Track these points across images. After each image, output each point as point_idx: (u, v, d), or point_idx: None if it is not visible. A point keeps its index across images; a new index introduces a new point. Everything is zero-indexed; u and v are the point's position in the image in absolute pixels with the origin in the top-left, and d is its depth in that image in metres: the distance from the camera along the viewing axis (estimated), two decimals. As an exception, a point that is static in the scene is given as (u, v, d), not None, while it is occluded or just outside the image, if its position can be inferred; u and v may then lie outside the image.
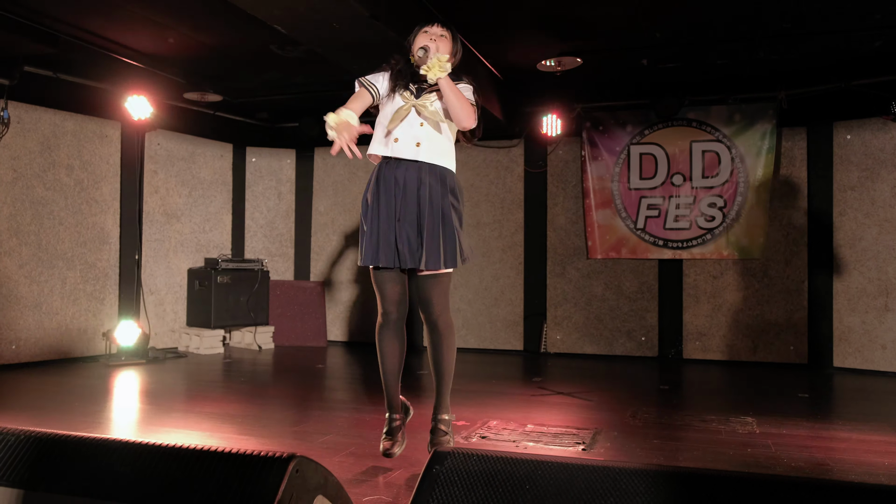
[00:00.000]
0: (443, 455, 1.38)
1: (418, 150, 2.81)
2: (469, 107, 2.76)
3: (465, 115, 2.76)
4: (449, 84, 2.73)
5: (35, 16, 4.63)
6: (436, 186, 2.81)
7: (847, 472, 3.04)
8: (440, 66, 2.70)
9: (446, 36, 2.91)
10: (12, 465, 1.39)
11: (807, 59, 5.42)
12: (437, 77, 2.70)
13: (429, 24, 2.93)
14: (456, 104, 2.74)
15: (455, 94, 2.74)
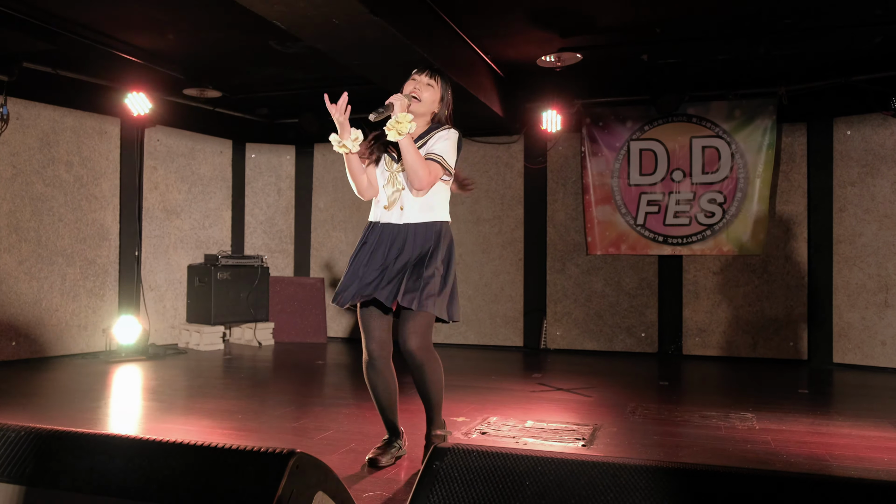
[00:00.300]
0: (442, 451, 1.38)
1: (402, 214, 2.85)
2: (419, 172, 2.73)
3: (414, 178, 2.75)
4: (407, 146, 2.71)
5: (34, 12, 4.62)
6: (420, 246, 2.81)
7: (846, 467, 3.04)
8: (397, 129, 2.67)
9: (433, 85, 2.90)
10: (12, 462, 1.39)
11: (807, 55, 5.41)
12: (395, 139, 2.70)
13: (418, 72, 2.92)
14: (409, 167, 2.74)
15: (410, 157, 2.72)
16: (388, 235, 2.86)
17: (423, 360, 2.83)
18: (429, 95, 2.88)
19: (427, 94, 2.88)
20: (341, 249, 7.66)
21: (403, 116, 2.70)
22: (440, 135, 2.88)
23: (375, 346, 2.90)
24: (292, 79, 6.22)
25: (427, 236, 2.83)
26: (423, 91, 2.87)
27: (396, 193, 2.87)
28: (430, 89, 2.89)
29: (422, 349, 2.82)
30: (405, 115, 2.70)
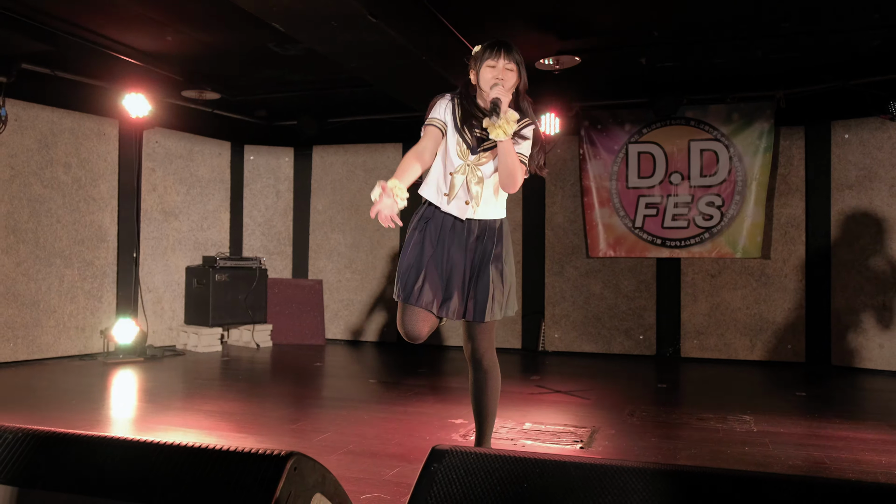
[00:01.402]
0: (441, 453, 1.38)
1: (468, 209, 2.69)
2: (517, 175, 2.59)
3: (510, 182, 2.61)
4: (508, 150, 2.55)
5: (33, 13, 4.62)
6: (485, 243, 2.70)
7: (844, 470, 3.04)
8: (505, 130, 2.49)
9: (513, 69, 2.65)
10: (10, 463, 1.39)
11: (805, 59, 5.42)
12: (500, 139, 2.52)
13: (495, 55, 2.64)
14: (506, 171, 2.59)
15: (511, 162, 2.57)
16: (452, 229, 2.71)
17: (490, 365, 2.78)
18: (511, 81, 2.65)
19: (510, 80, 2.64)
20: (340, 251, 7.65)
21: (512, 115, 2.51)
22: (525, 131, 2.68)
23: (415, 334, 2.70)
24: (291, 81, 6.22)
25: (492, 234, 2.73)
26: (507, 78, 2.63)
27: (476, 187, 2.69)
28: (511, 74, 2.65)
29: (491, 355, 2.78)
30: (513, 114, 2.51)
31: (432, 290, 2.68)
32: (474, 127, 2.70)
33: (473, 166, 2.69)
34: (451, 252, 2.69)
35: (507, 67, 2.64)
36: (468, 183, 2.69)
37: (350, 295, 7.59)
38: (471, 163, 2.69)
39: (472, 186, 2.69)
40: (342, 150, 7.61)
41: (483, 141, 2.69)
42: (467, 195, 2.69)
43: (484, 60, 2.66)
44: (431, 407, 4.24)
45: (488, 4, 4.49)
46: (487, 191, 2.71)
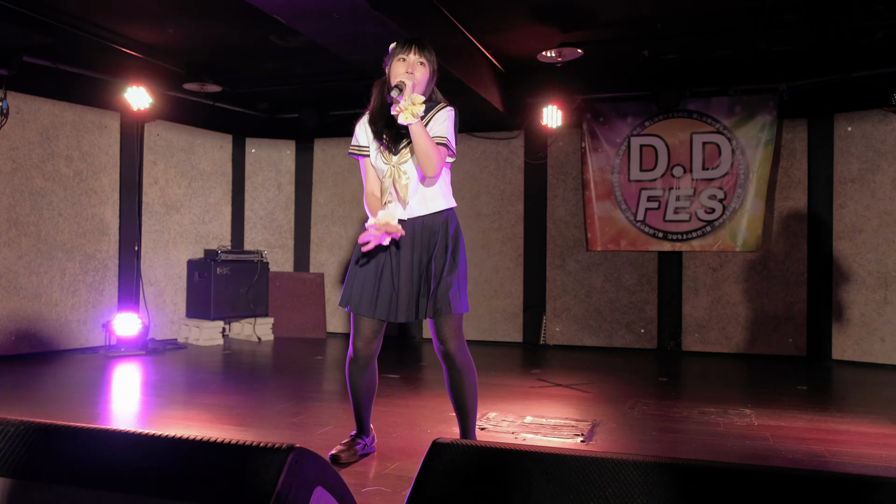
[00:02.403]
0: (442, 446, 1.38)
1: (407, 210, 2.73)
2: (434, 156, 2.59)
3: (428, 165, 2.61)
4: (419, 131, 2.56)
5: (34, 6, 4.61)
6: (428, 239, 2.73)
7: (845, 464, 3.04)
8: (412, 111, 2.50)
9: (425, 63, 2.70)
10: (11, 456, 1.39)
11: (808, 51, 5.40)
12: (408, 122, 2.52)
13: (405, 50, 2.70)
14: (421, 153, 2.59)
15: (423, 142, 2.57)
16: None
17: (462, 362, 2.78)
18: (422, 74, 2.70)
19: (420, 73, 2.69)
20: (341, 245, 7.65)
21: (417, 97, 2.52)
22: (440, 115, 2.72)
23: (363, 344, 2.82)
24: (292, 73, 6.21)
25: (434, 228, 2.73)
26: (417, 71, 2.68)
27: (403, 186, 2.73)
28: (422, 67, 2.70)
29: (461, 351, 2.78)
30: (418, 97, 2.53)
31: (381, 302, 2.73)
32: (390, 126, 2.73)
33: (397, 166, 2.73)
34: (399, 254, 2.73)
35: (419, 62, 2.69)
36: (395, 184, 2.74)
37: (351, 288, 7.58)
38: (394, 164, 2.74)
39: (399, 186, 2.74)
40: (344, 142, 7.60)
41: (401, 138, 2.72)
42: (397, 195, 2.74)
43: (395, 55, 2.71)
44: (432, 400, 4.25)
45: (490, -3, 4.47)
46: (418, 185, 2.73)
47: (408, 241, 2.72)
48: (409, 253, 2.73)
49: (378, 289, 2.75)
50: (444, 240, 2.74)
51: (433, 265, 2.71)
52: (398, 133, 2.73)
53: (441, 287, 2.69)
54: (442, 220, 2.75)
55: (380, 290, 2.75)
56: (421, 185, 2.73)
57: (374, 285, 2.76)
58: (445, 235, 2.74)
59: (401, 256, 2.74)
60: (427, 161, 2.60)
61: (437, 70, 2.78)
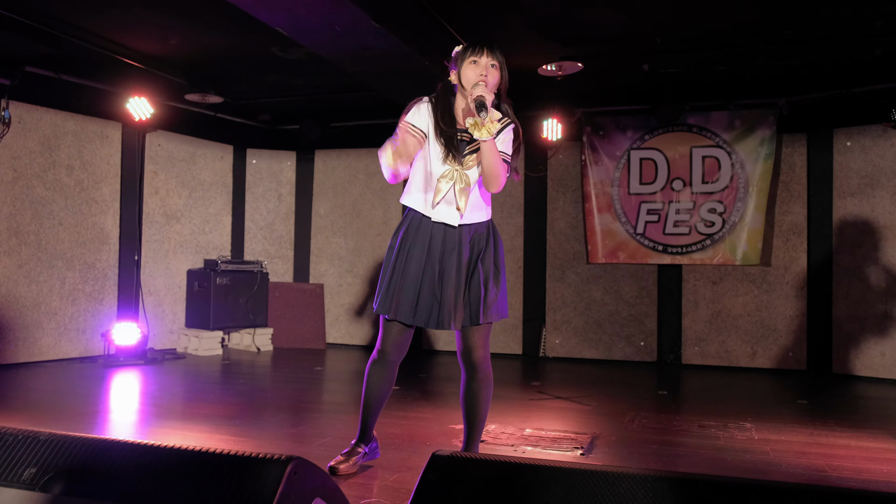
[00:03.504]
0: (441, 459, 1.38)
1: (457, 215, 2.67)
2: (501, 175, 2.57)
3: (494, 182, 2.58)
4: (492, 150, 2.52)
5: (37, 16, 4.64)
6: (477, 246, 2.71)
7: (845, 478, 3.03)
8: (489, 129, 2.44)
9: (496, 66, 2.62)
10: (9, 466, 1.39)
11: (807, 66, 5.43)
12: (483, 139, 2.48)
13: (478, 52, 2.59)
14: (490, 171, 2.55)
15: (494, 161, 2.53)
16: (440, 237, 2.69)
17: (486, 371, 2.78)
18: (494, 77, 2.61)
19: (493, 77, 2.60)
20: (341, 256, 7.65)
21: (495, 114, 2.48)
22: (507, 130, 2.65)
23: (392, 347, 2.80)
24: (294, 85, 6.23)
25: (481, 236, 2.72)
26: (490, 75, 2.59)
27: (463, 192, 2.65)
28: (494, 70, 2.61)
29: (486, 360, 2.78)
30: (496, 113, 2.49)
31: (421, 308, 2.68)
32: (458, 130, 2.67)
33: (461, 171, 2.66)
34: (444, 260, 2.68)
35: (491, 64, 2.60)
36: (455, 188, 2.66)
37: (351, 299, 7.59)
38: (458, 168, 2.66)
39: (458, 192, 2.66)
40: (344, 154, 7.62)
41: (467, 144, 2.67)
42: (455, 200, 2.66)
43: (466, 58, 2.62)
44: (431, 412, 4.24)
45: (491, 10, 4.50)
46: (475, 195, 2.70)
47: (454, 247, 2.68)
48: (455, 259, 2.67)
49: (419, 294, 2.67)
50: (494, 248, 2.74)
51: (481, 272, 2.69)
52: (464, 140, 2.68)
53: (490, 294, 2.68)
54: (488, 229, 2.76)
55: (420, 296, 2.67)
56: (475, 193, 2.71)
57: (415, 291, 2.67)
58: (494, 244, 2.75)
59: (446, 262, 2.67)
60: (494, 179, 2.58)
61: (506, 78, 2.70)
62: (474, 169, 2.67)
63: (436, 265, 2.67)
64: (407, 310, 2.68)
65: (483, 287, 2.67)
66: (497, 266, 2.75)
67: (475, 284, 2.68)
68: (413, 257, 2.69)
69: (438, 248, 2.68)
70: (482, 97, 2.48)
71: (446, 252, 2.68)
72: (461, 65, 2.63)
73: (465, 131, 2.65)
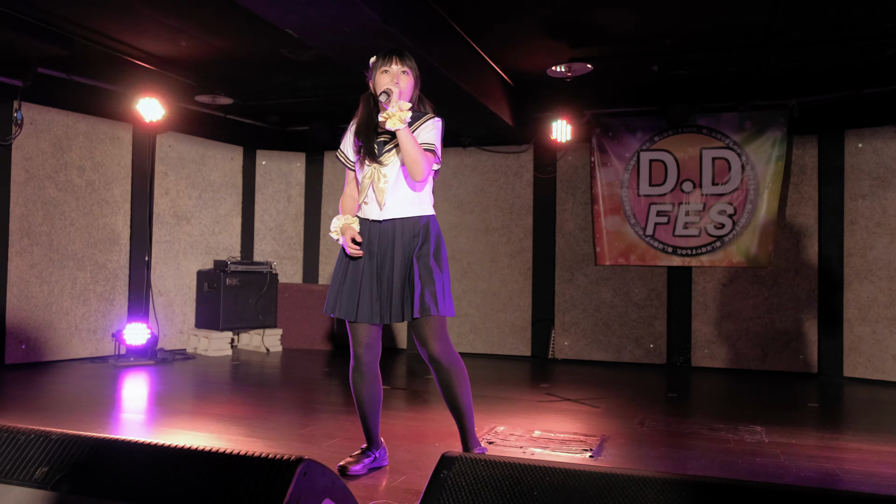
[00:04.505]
0: (450, 460, 1.38)
1: (383, 211, 2.81)
2: (421, 161, 2.69)
3: (417, 169, 2.70)
4: (406, 136, 2.65)
5: (49, 18, 4.67)
6: (408, 242, 2.79)
7: (857, 482, 3.01)
8: (399, 117, 2.60)
9: (408, 72, 2.81)
10: (22, 465, 1.39)
11: (818, 67, 5.40)
12: (396, 128, 2.62)
13: (387, 62, 2.80)
14: (409, 157, 2.68)
15: (411, 147, 2.67)
16: (376, 235, 2.83)
17: (448, 362, 2.84)
18: (406, 83, 2.80)
19: (404, 83, 2.79)
20: (350, 257, 7.66)
21: (404, 104, 2.63)
22: (427, 124, 2.83)
23: (363, 350, 2.88)
24: (303, 87, 6.25)
25: (414, 232, 2.81)
26: (401, 80, 2.78)
27: (382, 185, 2.81)
28: (406, 76, 2.81)
29: (446, 352, 2.83)
30: (405, 104, 2.64)
31: (363, 306, 2.80)
32: (377, 134, 2.84)
33: (377, 169, 2.82)
34: (381, 257, 2.80)
35: (402, 71, 2.79)
36: (374, 183, 2.82)
37: (360, 300, 7.58)
38: (375, 165, 2.82)
39: (377, 186, 2.81)
40: (354, 155, 7.63)
41: (385, 143, 2.83)
42: (376, 196, 2.82)
43: (378, 68, 2.81)
44: (440, 413, 4.24)
45: (501, 12, 4.50)
46: (396, 188, 2.81)
47: (387, 243, 2.80)
48: (388, 255, 2.80)
49: (359, 293, 2.81)
50: (426, 243, 2.81)
51: (416, 267, 2.77)
52: (383, 141, 2.84)
53: (426, 289, 2.75)
54: (422, 224, 2.82)
55: (360, 294, 2.80)
56: (398, 188, 2.81)
57: (355, 289, 2.82)
58: (427, 239, 2.82)
59: (379, 259, 2.81)
60: (415, 165, 2.69)
61: (419, 77, 2.88)
62: (392, 164, 2.80)
63: (374, 262, 2.81)
64: (349, 308, 2.82)
65: (419, 282, 2.74)
66: (437, 261, 2.82)
67: (410, 280, 2.76)
68: (353, 259, 2.85)
69: (375, 245, 2.82)
70: (388, 89, 2.65)
71: (383, 249, 2.81)
72: (374, 74, 2.82)
73: (385, 132, 2.81)
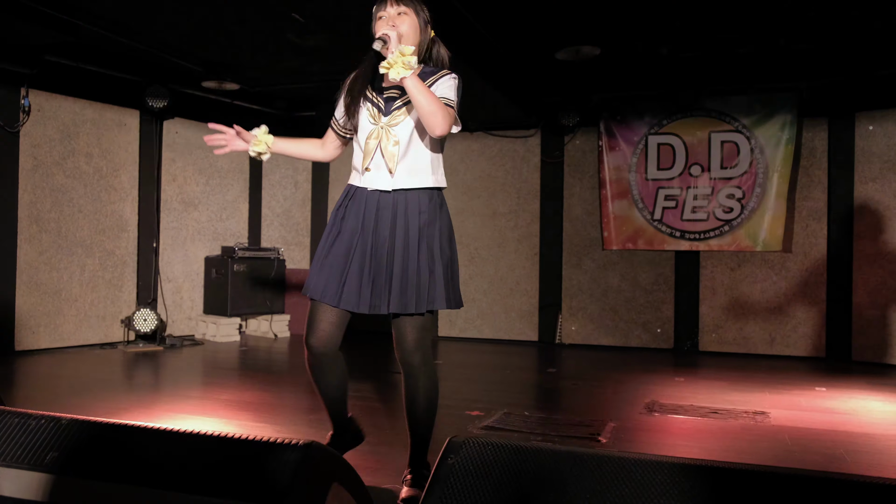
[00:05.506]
0: (457, 444, 1.38)
1: (394, 179, 2.33)
2: (440, 111, 2.19)
3: (435, 121, 2.20)
4: (415, 84, 2.18)
5: (55, 5, 4.66)
6: (414, 219, 2.32)
7: (865, 466, 3.01)
8: (403, 63, 2.15)
9: (407, 12, 2.36)
10: (33, 449, 1.41)
11: (829, 49, 5.34)
12: (401, 76, 2.16)
13: (382, 6, 2.38)
14: (424, 109, 2.19)
15: (424, 97, 2.18)
16: (374, 207, 2.34)
17: (420, 368, 2.36)
18: (408, 26, 2.36)
19: (405, 25, 2.35)
20: (357, 242, 7.67)
21: (406, 48, 2.17)
22: (444, 80, 2.35)
23: (319, 342, 2.35)
24: (310, 72, 6.22)
25: (423, 208, 2.33)
26: (400, 23, 2.35)
27: (392, 149, 2.33)
28: (406, 17, 2.36)
29: (422, 356, 2.37)
30: (407, 47, 2.18)
31: (349, 290, 2.31)
32: (383, 89, 2.43)
33: (387, 127, 2.35)
34: (377, 232, 2.33)
35: (398, 12, 2.36)
36: (382, 147, 2.34)
37: (367, 286, 7.60)
38: (384, 124, 2.36)
39: (386, 151, 2.34)
40: (360, 141, 7.62)
41: (394, 100, 2.39)
42: (385, 162, 2.34)
43: (375, 17, 2.41)
44: (447, 398, 4.25)
45: (507, -5, 4.46)
46: (412, 156, 2.34)
47: (389, 218, 2.32)
48: (388, 233, 2.32)
49: (347, 273, 2.32)
50: (434, 222, 2.34)
51: (422, 250, 2.31)
52: (391, 97, 2.40)
53: (425, 277, 2.29)
54: (434, 201, 2.36)
55: (348, 276, 2.31)
56: (411, 152, 2.34)
57: (342, 270, 2.32)
58: (435, 217, 2.35)
59: (375, 237, 2.32)
60: (432, 117, 2.19)
61: (430, 21, 2.45)
62: (403, 124, 2.34)
63: (368, 239, 2.32)
64: (332, 291, 2.32)
65: (416, 271, 2.29)
66: (448, 245, 2.38)
67: (406, 265, 2.29)
68: (344, 232, 2.36)
69: (372, 219, 2.33)
70: (384, 34, 2.25)
71: (381, 224, 2.33)
72: (373, 25, 2.42)
73: (393, 88, 2.38)
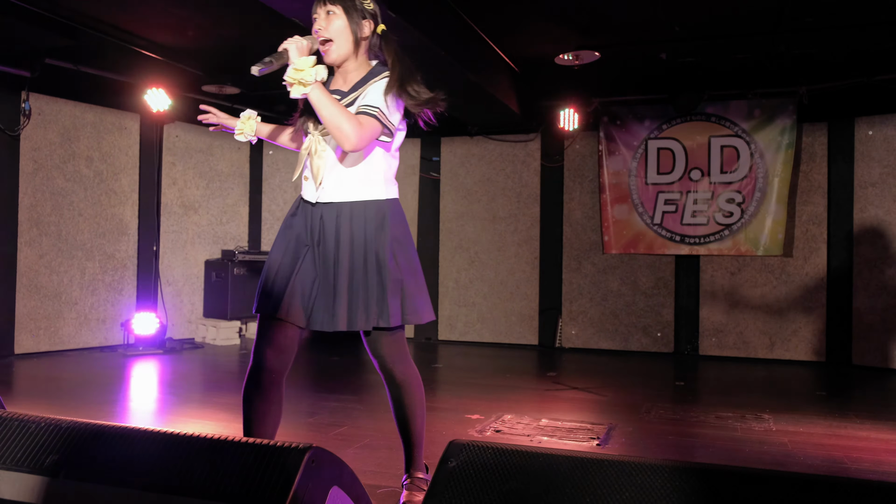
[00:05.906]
0: (458, 447, 1.38)
1: (319, 192, 2.19)
2: (344, 125, 2.03)
3: (339, 136, 2.04)
4: (318, 98, 2.05)
5: (56, 8, 4.67)
6: (359, 231, 2.16)
7: (865, 470, 3.01)
8: (300, 80, 2.05)
9: (335, 11, 2.17)
10: (32, 453, 1.41)
11: (828, 54, 5.35)
12: (301, 94, 2.07)
13: (315, 7, 2.21)
14: (329, 124, 2.05)
15: (328, 111, 2.04)
16: (312, 219, 2.20)
17: (403, 377, 2.28)
18: (337, 27, 2.16)
19: (334, 26, 2.16)
20: (357, 246, 7.67)
21: (303, 62, 2.04)
22: (378, 84, 2.16)
23: (270, 354, 2.23)
24: (310, 76, 6.24)
25: (367, 218, 2.16)
26: (328, 23, 2.17)
27: (320, 160, 2.20)
28: (334, 16, 2.16)
29: (403, 366, 2.27)
30: (305, 60, 2.04)
31: (301, 302, 2.18)
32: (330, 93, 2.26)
33: (318, 136, 2.23)
34: (322, 248, 2.18)
35: (329, 11, 2.17)
36: (312, 156, 2.22)
37: (367, 289, 7.60)
38: (317, 133, 2.23)
39: (312, 161, 2.21)
40: (360, 144, 7.63)
41: None
42: (312, 173, 2.21)
43: (311, 17, 2.23)
44: (447, 402, 4.25)
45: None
46: (333, 166, 2.19)
47: (329, 232, 2.16)
48: (332, 248, 2.16)
49: (292, 285, 2.17)
50: (383, 231, 2.17)
51: (369, 263, 2.15)
52: None
53: (381, 289, 2.16)
54: (377, 212, 2.18)
55: (293, 288, 2.17)
56: (339, 165, 2.18)
57: (287, 280, 2.18)
58: (383, 227, 2.18)
59: (322, 251, 2.18)
60: (337, 132, 2.04)
61: (375, 14, 2.26)
62: None
63: (316, 253, 2.19)
64: (275, 301, 2.19)
65: (387, 281, 2.16)
66: (401, 254, 2.21)
67: (359, 280, 2.15)
68: (288, 246, 2.22)
69: (314, 233, 2.19)
70: (283, 46, 2.11)
71: (324, 239, 2.17)
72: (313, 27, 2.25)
73: (335, 92, 2.24)
